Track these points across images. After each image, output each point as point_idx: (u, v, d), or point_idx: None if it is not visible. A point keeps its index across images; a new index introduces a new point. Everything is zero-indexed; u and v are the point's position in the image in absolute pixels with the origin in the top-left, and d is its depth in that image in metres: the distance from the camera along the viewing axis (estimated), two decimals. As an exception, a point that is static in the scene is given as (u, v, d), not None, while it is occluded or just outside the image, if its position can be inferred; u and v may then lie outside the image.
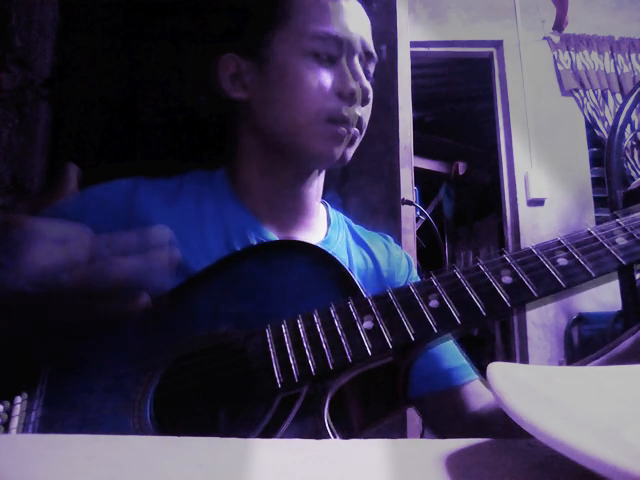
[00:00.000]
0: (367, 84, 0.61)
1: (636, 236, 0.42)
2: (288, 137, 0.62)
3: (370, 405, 0.46)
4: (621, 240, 0.43)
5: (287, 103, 0.61)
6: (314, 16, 0.61)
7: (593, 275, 0.40)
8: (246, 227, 0.62)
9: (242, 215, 0.64)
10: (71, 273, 0.56)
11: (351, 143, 0.63)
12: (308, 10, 0.62)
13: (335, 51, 0.61)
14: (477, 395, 0.62)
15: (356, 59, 0.62)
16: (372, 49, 0.65)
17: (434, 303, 0.42)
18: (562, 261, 0.42)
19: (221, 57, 0.65)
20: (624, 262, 0.41)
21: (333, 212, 0.74)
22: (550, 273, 0.41)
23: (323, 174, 0.70)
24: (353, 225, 0.75)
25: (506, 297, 0.41)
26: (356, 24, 0.63)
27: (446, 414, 0.63)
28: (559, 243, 0.43)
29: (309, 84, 0.60)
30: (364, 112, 0.63)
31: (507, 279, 0.42)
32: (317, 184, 0.69)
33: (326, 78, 0.60)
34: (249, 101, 0.64)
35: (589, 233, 0.44)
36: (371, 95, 0.63)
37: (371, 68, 0.66)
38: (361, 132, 0.64)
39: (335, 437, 0.40)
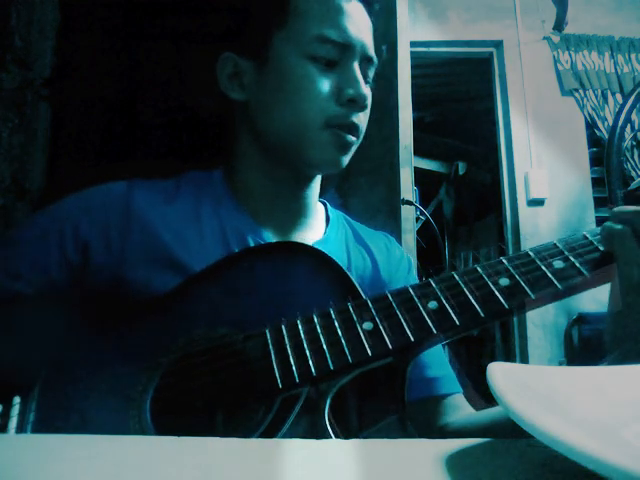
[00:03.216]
0: (365, 90, 0.60)
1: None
2: (284, 141, 0.61)
3: (369, 406, 0.46)
4: None
5: (284, 107, 0.60)
6: (314, 18, 0.60)
7: (588, 277, 0.42)
8: (244, 228, 0.62)
9: (240, 216, 0.63)
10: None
11: (347, 150, 0.62)
12: (308, 12, 0.60)
13: (334, 55, 0.59)
14: (454, 408, 0.62)
15: (355, 64, 0.60)
16: (372, 53, 0.63)
17: (433, 305, 0.43)
18: (558, 264, 0.43)
19: (219, 56, 0.64)
20: None
21: (332, 211, 0.73)
22: (546, 276, 0.42)
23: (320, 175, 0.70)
24: (354, 223, 0.74)
25: (503, 299, 0.42)
26: (357, 28, 0.61)
27: (420, 421, 0.62)
28: (555, 246, 0.44)
29: (306, 89, 0.59)
30: (361, 118, 0.62)
31: (504, 281, 0.43)
32: (315, 185, 0.69)
33: (324, 83, 0.59)
34: (247, 102, 0.64)
35: (585, 237, 0.45)
36: (369, 101, 0.61)
37: (371, 72, 0.64)
38: (358, 139, 0.63)
39: (336, 437, 0.40)
